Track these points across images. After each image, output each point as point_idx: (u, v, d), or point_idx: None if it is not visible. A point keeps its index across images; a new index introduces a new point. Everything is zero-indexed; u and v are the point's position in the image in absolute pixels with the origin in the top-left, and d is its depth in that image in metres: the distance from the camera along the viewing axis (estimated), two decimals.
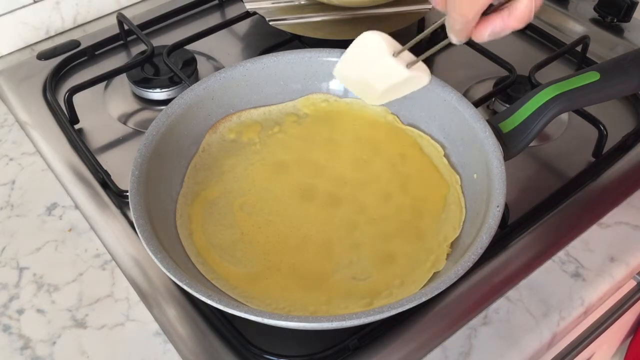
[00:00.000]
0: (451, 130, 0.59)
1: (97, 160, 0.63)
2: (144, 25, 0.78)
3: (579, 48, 0.75)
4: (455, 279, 0.46)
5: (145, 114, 0.71)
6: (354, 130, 0.62)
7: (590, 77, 0.56)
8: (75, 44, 0.77)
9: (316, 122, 0.63)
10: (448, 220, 0.55)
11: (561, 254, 0.57)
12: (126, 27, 0.77)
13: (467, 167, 0.58)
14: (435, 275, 0.51)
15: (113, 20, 0.79)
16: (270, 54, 0.64)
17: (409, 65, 0.53)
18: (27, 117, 0.69)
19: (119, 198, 0.61)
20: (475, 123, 0.56)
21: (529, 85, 0.69)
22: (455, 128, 0.59)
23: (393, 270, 0.52)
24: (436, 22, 0.51)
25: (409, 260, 0.53)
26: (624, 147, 0.66)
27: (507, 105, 0.67)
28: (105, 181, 0.61)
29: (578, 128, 0.68)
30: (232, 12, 0.83)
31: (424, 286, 0.50)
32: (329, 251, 0.54)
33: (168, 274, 0.46)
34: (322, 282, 0.52)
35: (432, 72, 0.54)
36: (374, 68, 0.54)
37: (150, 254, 0.47)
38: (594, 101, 0.57)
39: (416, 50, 0.53)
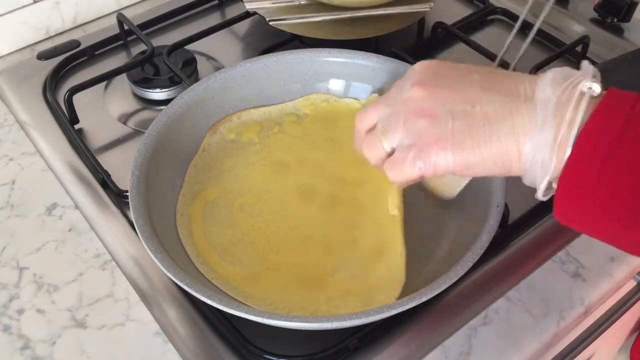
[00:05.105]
0: None
1: (97, 160, 0.63)
2: (144, 25, 0.78)
3: (579, 48, 0.75)
4: (456, 279, 0.46)
5: (145, 114, 0.71)
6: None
7: None
8: (75, 44, 0.77)
9: (316, 122, 0.63)
10: None
11: (561, 254, 0.57)
12: (126, 27, 0.77)
13: None
14: (435, 275, 0.51)
15: (113, 20, 0.79)
16: (270, 54, 0.64)
17: None
18: (27, 117, 0.69)
19: (119, 198, 0.61)
20: None
21: None
22: None
23: (389, 264, 0.52)
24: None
25: (393, 247, 0.53)
26: None
27: None
28: (105, 181, 0.61)
29: None
30: (232, 12, 0.83)
31: (422, 286, 0.50)
32: (328, 251, 0.54)
33: (168, 274, 0.46)
34: (322, 281, 0.52)
35: None
36: None
37: (150, 254, 0.47)
38: None
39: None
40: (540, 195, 0.39)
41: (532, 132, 0.37)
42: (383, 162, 0.44)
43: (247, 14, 0.77)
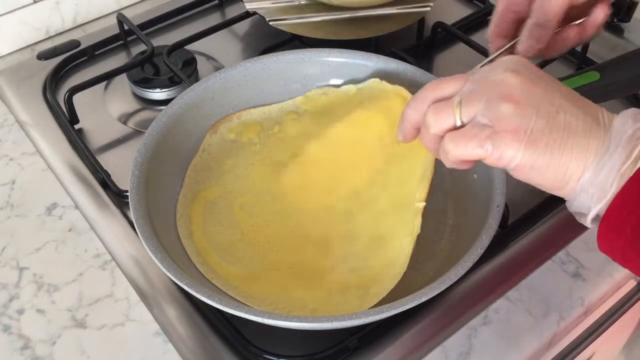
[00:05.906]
0: None
1: (97, 160, 0.63)
2: (144, 25, 0.78)
3: (579, 48, 0.74)
4: (456, 279, 0.46)
5: (145, 114, 0.71)
6: (351, 122, 0.62)
7: (590, 77, 0.56)
8: (75, 44, 0.77)
9: (314, 116, 0.63)
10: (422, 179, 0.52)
11: (561, 254, 0.57)
12: (126, 27, 0.77)
13: None
14: (434, 275, 0.51)
15: (113, 20, 0.79)
16: (270, 54, 0.64)
17: None
18: (27, 117, 0.69)
19: (119, 198, 0.61)
20: None
21: None
22: None
23: (385, 253, 0.52)
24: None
25: (396, 236, 0.52)
26: None
27: None
28: (105, 181, 0.61)
29: None
30: (232, 12, 0.83)
31: (422, 286, 0.50)
32: (327, 249, 0.54)
33: (168, 274, 0.46)
34: (322, 279, 0.52)
35: (432, 71, 0.54)
36: None
37: (150, 254, 0.47)
38: (593, 101, 0.57)
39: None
40: (589, 222, 0.40)
41: (601, 155, 0.38)
42: (444, 132, 0.42)
43: (247, 14, 0.77)
